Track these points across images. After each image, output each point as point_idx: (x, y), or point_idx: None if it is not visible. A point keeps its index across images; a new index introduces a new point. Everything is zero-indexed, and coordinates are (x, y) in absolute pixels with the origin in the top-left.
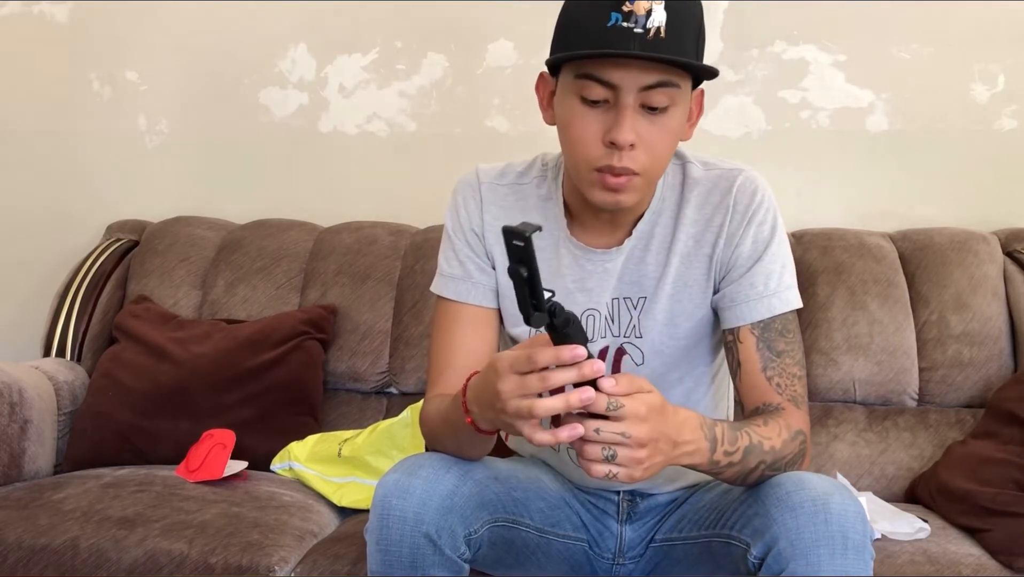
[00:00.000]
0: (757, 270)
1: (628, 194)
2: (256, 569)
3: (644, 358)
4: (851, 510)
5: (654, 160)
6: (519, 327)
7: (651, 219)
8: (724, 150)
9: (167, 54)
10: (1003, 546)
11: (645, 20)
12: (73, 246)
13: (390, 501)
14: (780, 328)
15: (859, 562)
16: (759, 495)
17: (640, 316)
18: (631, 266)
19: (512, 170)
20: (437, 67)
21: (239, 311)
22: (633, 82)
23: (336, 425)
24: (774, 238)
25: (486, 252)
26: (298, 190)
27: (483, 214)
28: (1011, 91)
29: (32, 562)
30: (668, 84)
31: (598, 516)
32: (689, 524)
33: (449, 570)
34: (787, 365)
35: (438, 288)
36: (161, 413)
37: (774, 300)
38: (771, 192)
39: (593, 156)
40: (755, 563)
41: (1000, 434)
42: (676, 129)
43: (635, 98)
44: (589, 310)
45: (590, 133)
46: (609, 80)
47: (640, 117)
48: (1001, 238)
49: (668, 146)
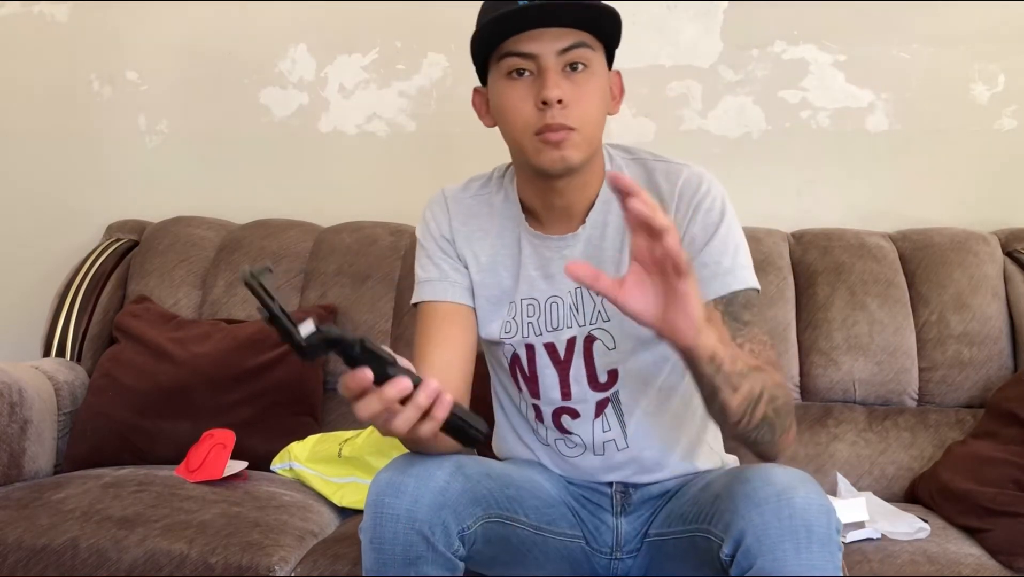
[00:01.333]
0: (707, 252)
1: (570, 150)
2: (256, 569)
3: (615, 341)
4: (815, 503)
5: (585, 115)
6: (486, 328)
7: (602, 208)
8: (724, 150)
9: (167, 54)
10: (1003, 546)
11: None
12: (73, 246)
13: (383, 499)
14: (743, 302)
15: (825, 554)
16: (730, 490)
17: (603, 301)
18: (590, 253)
19: (474, 183)
20: (437, 67)
21: (239, 311)
22: (549, 47)
23: (336, 425)
24: (723, 221)
25: (457, 255)
26: (298, 190)
27: (451, 222)
28: (1011, 91)
29: (32, 562)
30: (581, 44)
31: (593, 511)
32: (676, 518)
33: (444, 567)
34: (756, 333)
35: (417, 296)
36: (161, 413)
37: (729, 278)
38: (719, 185)
39: (530, 122)
40: (727, 560)
41: (1000, 434)
42: (598, 90)
43: (555, 62)
44: (552, 297)
45: (522, 101)
46: (528, 51)
47: (563, 79)
48: (1001, 238)
49: (596, 103)
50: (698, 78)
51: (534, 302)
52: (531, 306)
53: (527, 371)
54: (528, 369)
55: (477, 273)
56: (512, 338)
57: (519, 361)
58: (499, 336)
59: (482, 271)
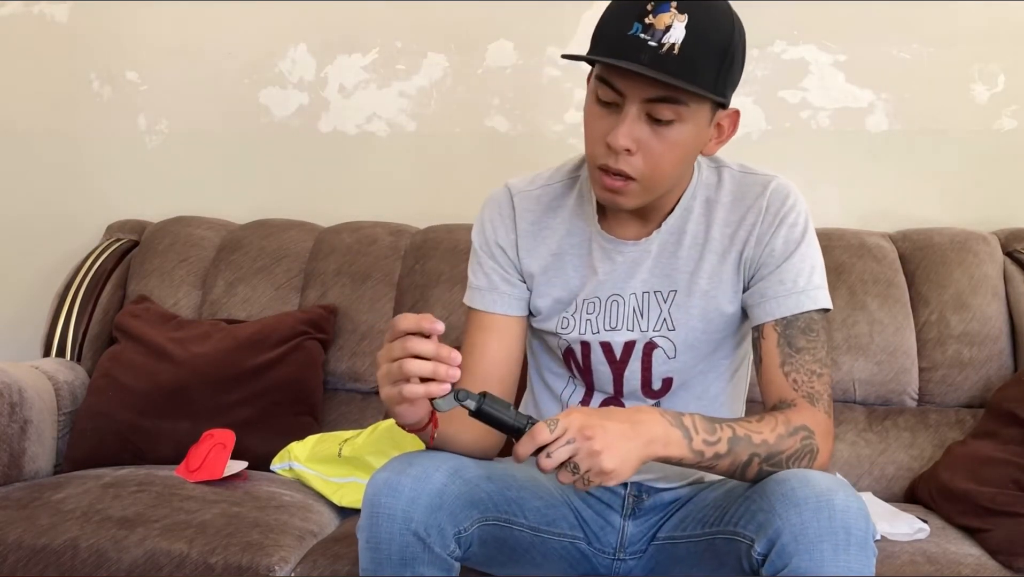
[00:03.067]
0: (786, 268)
1: (625, 197)
2: (256, 569)
3: (676, 352)
4: (854, 507)
5: (654, 169)
6: (544, 322)
7: (681, 215)
8: (724, 150)
9: (167, 54)
10: (1003, 546)
11: (662, 35)
12: (73, 246)
13: (379, 499)
14: (803, 326)
15: (862, 558)
16: (763, 491)
17: (671, 309)
18: (663, 260)
19: (543, 174)
20: (437, 67)
21: (239, 311)
22: (637, 92)
23: (336, 425)
24: (804, 239)
25: (513, 262)
26: (298, 190)
27: (516, 221)
28: (1011, 91)
29: (32, 562)
30: (672, 100)
31: (600, 511)
32: (693, 522)
33: (439, 568)
34: (805, 362)
35: (467, 300)
36: (161, 413)
37: (802, 297)
38: (803, 199)
39: (597, 153)
40: (759, 559)
41: (1000, 434)
42: (683, 143)
43: (639, 107)
44: (613, 296)
45: (598, 132)
46: (617, 86)
47: (643, 125)
48: (1001, 238)
49: (672, 159)
50: None
51: (596, 300)
52: (591, 304)
53: (581, 364)
54: (583, 362)
55: (541, 273)
56: (568, 334)
57: (573, 355)
58: (556, 329)
59: (547, 269)
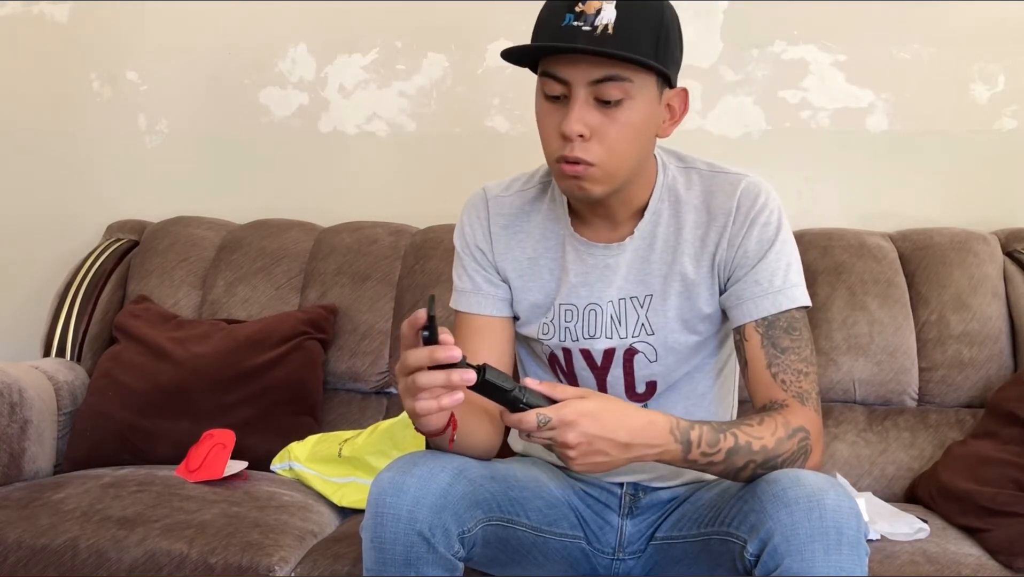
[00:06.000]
0: (761, 268)
1: (588, 183)
2: (256, 569)
3: (657, 355)
4: (846, 506)
5: (611, 152)
6: (525, 327)
7: (652, 219)
8: (724, 150)
9: (167, 54)
10: (1003, 546)
11: (594, 18)
12: (73, 246)
13: (384, 499)
14: (785, 325)
15: (853, 557)
16: (755, 492)
17: (648, 314)
18: (636, 265)
19: (519, 179)
20: (437, 67)
21: (239, 311)
22: (582, 76)
23: (336, 425)
24: (778, 237)
25: (492, 264)
26: (298, 190)
27: (490, 225)
28: (1011, 91)
29: (32, 562)
30: (617, 78)
31: (599, 511)
32: (689, 522)
33: (443, 568)
34: (792, 361)
35: (453, 303)
36: (161, 413)
37: (779, 297)
38: (776, 196)
39: (554, 148)
40: (751, 560)
41: (1000, 434)
42: (635, 123)
43: (586, 92)
44: (591, 305)
45: (551, 126)
46: (561, 76)
47: (592, 111)
48: (1001, 238)
49: (627, 139)
50: (698, 78)
51: (572, 308)
52: (569, 311)
53: (565, 369)
54: (566, 367)
55: (517, 277)
56: (550, 340)
57: (557, 360)
58: (537, 336)
59: (523, 274)
